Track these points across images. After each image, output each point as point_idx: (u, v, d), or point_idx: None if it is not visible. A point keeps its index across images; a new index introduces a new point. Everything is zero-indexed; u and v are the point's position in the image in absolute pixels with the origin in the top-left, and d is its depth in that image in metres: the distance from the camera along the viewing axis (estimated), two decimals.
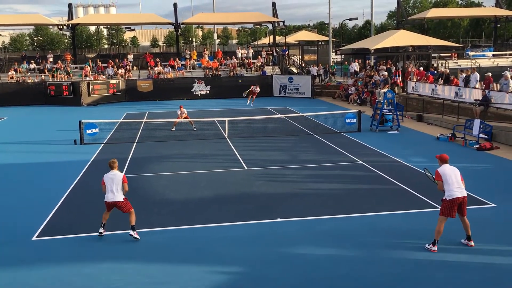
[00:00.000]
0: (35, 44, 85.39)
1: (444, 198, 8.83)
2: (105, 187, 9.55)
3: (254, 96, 29.43)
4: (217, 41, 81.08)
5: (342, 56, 47.22)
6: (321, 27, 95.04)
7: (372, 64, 40.14)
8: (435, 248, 8.80)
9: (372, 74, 33.56)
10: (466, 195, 8.85)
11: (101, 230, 9.65)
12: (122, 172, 9.94)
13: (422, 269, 8.17)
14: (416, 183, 13.16)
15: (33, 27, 78.40)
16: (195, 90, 37.21)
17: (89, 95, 34.27)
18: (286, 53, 43.93)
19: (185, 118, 22.65)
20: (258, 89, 30.05)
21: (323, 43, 54.55)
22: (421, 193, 12.24)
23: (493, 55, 42.32)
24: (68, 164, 16.49)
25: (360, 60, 40.90)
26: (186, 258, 8.82)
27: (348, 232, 9.86)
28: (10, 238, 9.89)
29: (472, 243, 8.96)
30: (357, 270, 8.18)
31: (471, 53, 41.76)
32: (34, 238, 9.86)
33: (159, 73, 38.52)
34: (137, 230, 9.57)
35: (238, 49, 45.84)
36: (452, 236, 9.20)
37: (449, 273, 8.01)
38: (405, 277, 7.96)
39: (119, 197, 9.50)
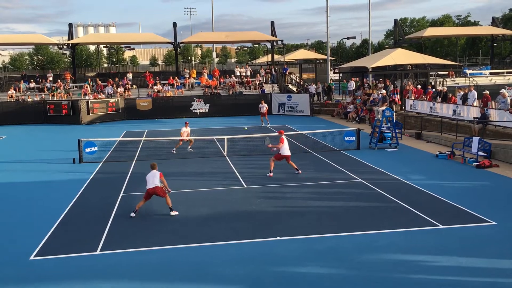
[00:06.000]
0: (35, 63, 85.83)
1: (279, 152, 16.34)
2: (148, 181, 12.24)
3: (266, 116, 30.86)
4: (216, 59, 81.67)
5: (341, 74, 47.50)
6: (319, 46, 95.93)
7: (370, 83, 40.36)
8: (271, 174, 16.30)
9: (371, 92, 33.73)
10: (290, 154, 16.53)
11: (133, 214, 12.14)
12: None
13: None
14: (416, 201, 13.14)
15: (33, 46, 78.93)
16: (194, 109, 37.35)
17: (88, 113, 34.39)
18: (287, 71, 44.20)
19: (187, 136, 22.25)
20: (265, 106, 30.89)
21: (321, 61, 54.98)
22: (421, 211, 12.21)
23: (490, 73, 42.63)
24: (66, 183, 16.45)
25: (358, 79, 41.09)
26: (185, 277, 8.74)
27: (348, 250, 9.80)
28: (8, 258, 9.80)
29: (300, 171, 16.54)
30: None
31: (468, 71, 42.04)
32: (32, 258, 9.78)
33: (158, 91, 38.70)
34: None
35: (237, 67, 46.14)
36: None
37: None
38: None
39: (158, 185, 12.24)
